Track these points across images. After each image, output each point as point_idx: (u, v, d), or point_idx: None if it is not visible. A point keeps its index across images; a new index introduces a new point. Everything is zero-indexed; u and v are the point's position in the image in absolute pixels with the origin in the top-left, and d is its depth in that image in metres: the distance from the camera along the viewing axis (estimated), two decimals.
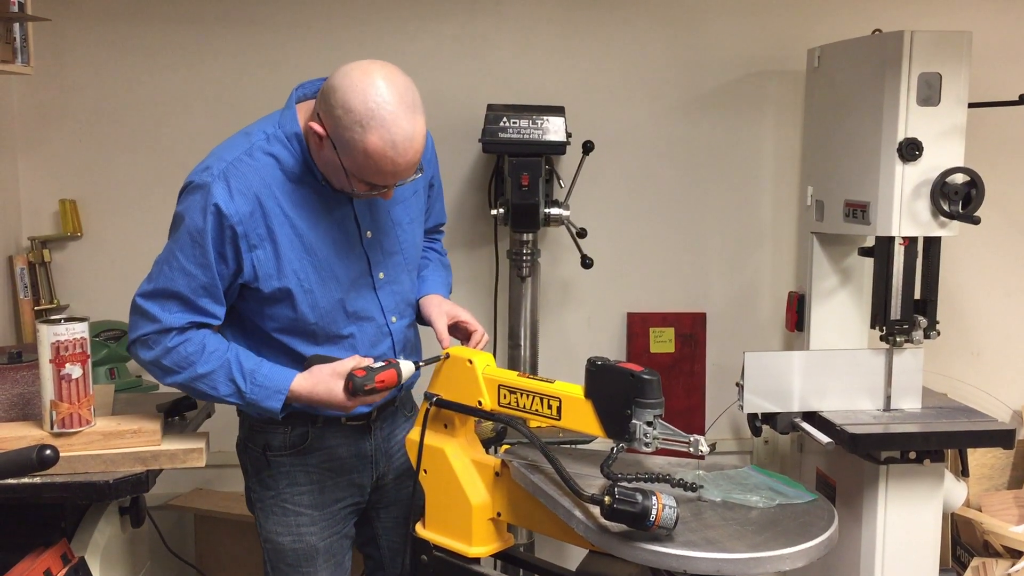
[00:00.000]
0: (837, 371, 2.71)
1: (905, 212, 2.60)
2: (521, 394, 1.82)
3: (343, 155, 1.83)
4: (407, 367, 1.94)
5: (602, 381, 1.71)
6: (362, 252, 2.03)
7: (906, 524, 2.67)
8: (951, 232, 2.63)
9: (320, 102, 1.85)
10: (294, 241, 1.93)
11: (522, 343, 3.06)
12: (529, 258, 3.01)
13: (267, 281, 1.93)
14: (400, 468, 2.19)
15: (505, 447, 2.00)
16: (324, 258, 1.97)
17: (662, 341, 3.31)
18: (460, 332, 2.14)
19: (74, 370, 1.95)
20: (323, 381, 1.91)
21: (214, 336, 1.95)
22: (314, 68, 3.08)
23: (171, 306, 1.91)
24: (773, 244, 3.35)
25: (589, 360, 1.73)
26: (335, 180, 1.91)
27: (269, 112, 3.15)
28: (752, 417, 2.73)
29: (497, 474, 1.90)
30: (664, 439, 1.67)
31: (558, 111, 2.90)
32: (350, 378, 1.88)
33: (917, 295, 2.71)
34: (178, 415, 2.27)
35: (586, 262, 2.97)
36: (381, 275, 2.06)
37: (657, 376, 1.66)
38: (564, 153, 2.93)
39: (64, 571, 1.98)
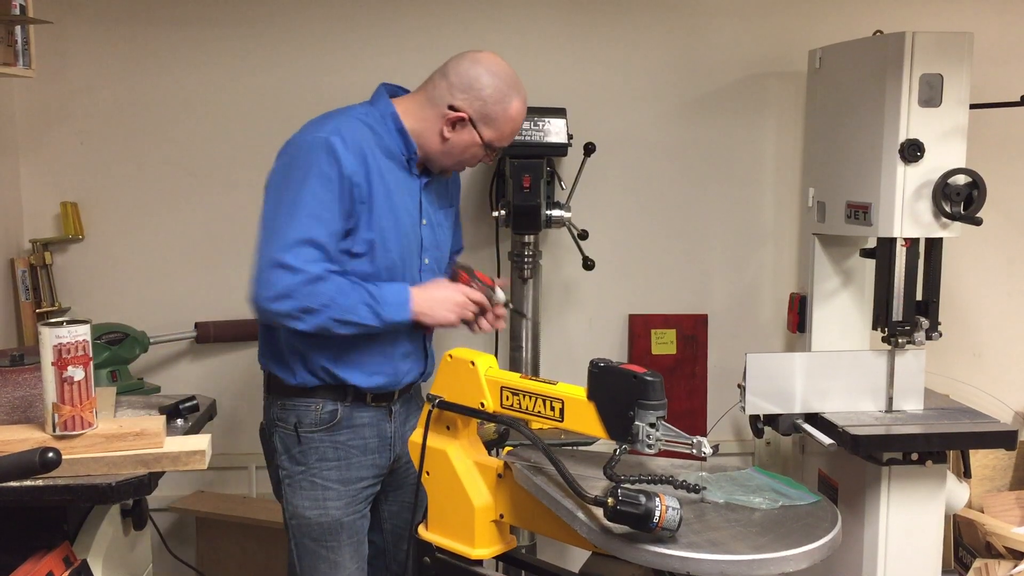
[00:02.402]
0: (839, 372, 2.71)
1: (907, 213, 2.60)
2: (523, 396, 1.82)
3: (487, 127, 2.14)
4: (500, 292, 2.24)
5: (604, 383, 1.71)
6: (419, 235, 2.22)
7: (908, 525, 2.67)
8: (953, 233, 2.63)
9: (457, 93, 2.13)
10: (383, 200, 2.10)
11: (524, 345, 3.06)
12: (530, 260, 3.01)
13: (363, 231, 2.09)
14: None
15: (507, 449, 2.00)
16: (396, 225, 2.14)
17: (664, 343, 3.31)
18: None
19: (76, 372, 1.95)
20: (436, 284, 2.20)
21: (338, 274, 2.07)
22: (314, 70, 3.11)
23: (308, 254, 2.00)
24: (774, 245, 3.35)
25: (591, 362, 1.73)
26: (452, 159, 2.19)
27: (269, 112, 3.17)
28: (754, 419, 2.73)
29: (499, 476, 1.90)
30: (667, 441, 1.66)
31: (559, 113, 2.90)
32: (462, 268, 2.20)
33: (919, 296, 2.71)
34: (180, 417, 2.27)
35: (587, 264, 2.97)
36: (426, 260, 2.25)
37: (659, 377, 1.66)
38: (565, 155, 2.94)
39: (66, 574, 1.98)
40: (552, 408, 1.78)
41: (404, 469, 2.33)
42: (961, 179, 2.57)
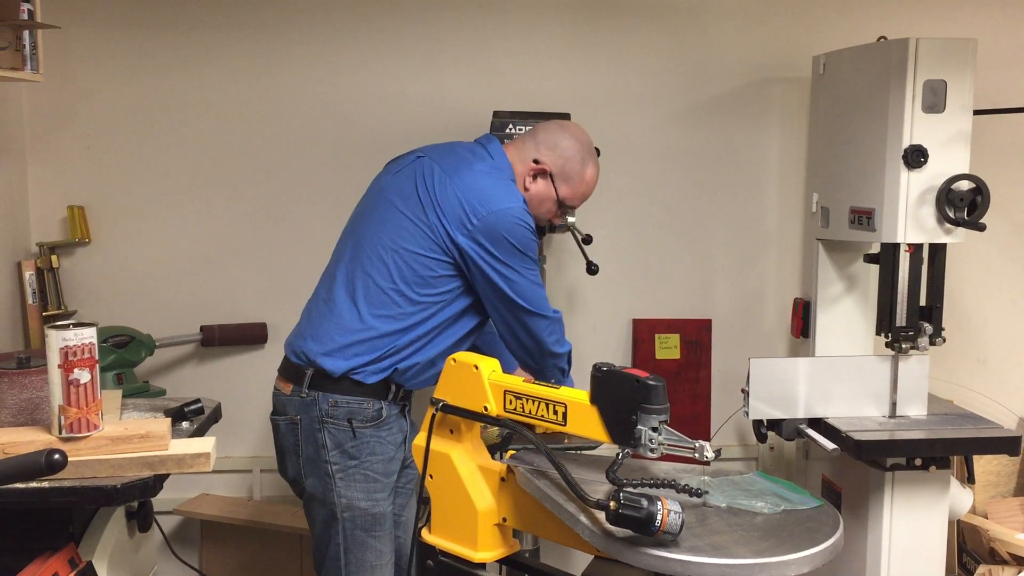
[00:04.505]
0: (843, 378, 2.71)
1: (910, 219, 2.60)
2: (527, 400, 1.82)
3: (563, 184, 2.38)
4: None
5: (608, 387, 1.71)
6: None
7: (912, 531, 2.67)
8: (956, 239, 2.63)
9: (543, 149, 2.39)
10: None
11: None
12: None
13: None
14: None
15: (511, 452, 2.00)
16: None
17: (667, 347, 3.32)
18: None
19: (82, 375, 1.96)
20: None
21: None
22: (320, 74, 3.12)
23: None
24: (778, 251, 3.35)
25: (594, 366, 1.74)
26: (534, 209, 2.36)
27: (275, 116, 3.17)
28: (758, 423, 2.73)
29: (503, 479, 1.90)
30: (669, 445, 1.67)
31: (564, 118, 2.90)
32: None
33: (923, 302, 2.71)
34: (185, 420, 2.28)
35: (591, 268, 2.97)
36: None
37: (662, 382, 1.67)
38: None
39: (72, 575, 1.99)
40: (555, 412, 1.79)
41: (411, 466, 2.45)
42: (965, 185, 2.57)
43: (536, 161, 2.38)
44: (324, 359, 2.28)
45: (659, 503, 1.56)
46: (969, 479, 2.92)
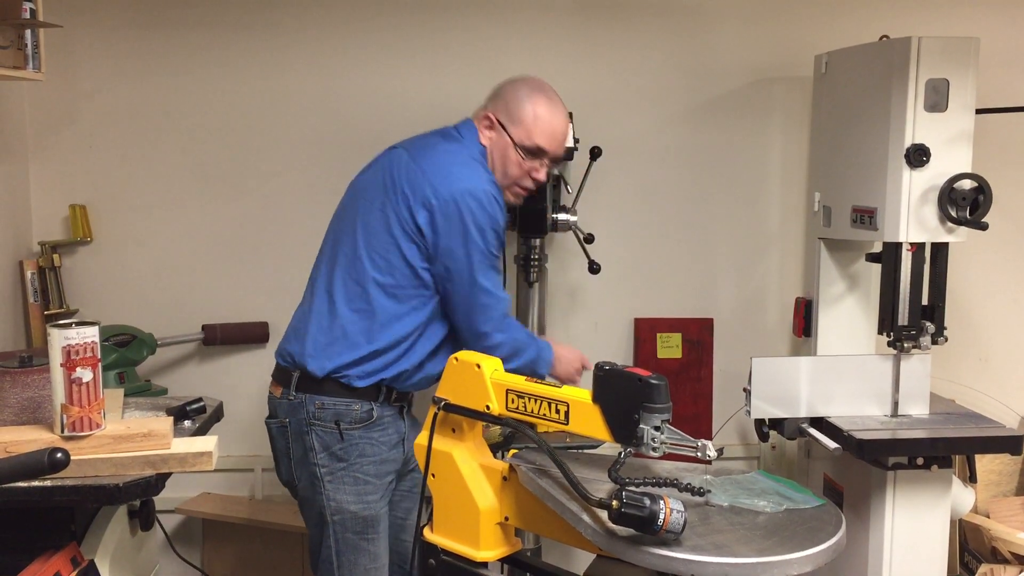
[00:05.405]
0: (844, 377, 2.71)
1: (912, 218, 2.60)
2: (529, 399, 1.83)
3: (513, 126, 2.33)
4: None
5: (610, 386, 1.72)
6: None
7: (913, 530, 2.67)
8: (959, 238, 2.63)
9: (490, 106, 2.39)
10: None
11: None
12: (536, 264, 3.02)
13: None
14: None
15: (513, 451, 2.00)
16: None
17: (669, 347, 3.32)
18: None
19: (85, 374, 1.96)
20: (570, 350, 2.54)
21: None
22: (323, 74, 3.13)
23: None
24: (780, 250, 3.35)
25: (597, 365, 1.74)
26: (498, 174, 2.33)
27: (276, 115, 3.17)
28: (759, 423, 2.73)
29: (505, 478, 1.90)
30: (672, 444, 1.67)
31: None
32: None
33: (925, 301, 2.71)
34: (187, 419, 2.28)
35: (593, 268, 2.98)
36: None
37: (665, 381, 1.67)
38: (572, 159, 2.94)
39: (74, 574, 1.99)
40: (557, 411, 1.79)
41: (415, 468, 2.44)
42: (967, 184, 2.57)
43: (485, 115, 2.38)
44: (307, 360, 2.28)
45: (661, 502, 1.56)
46: (971, 478, 2.92)
